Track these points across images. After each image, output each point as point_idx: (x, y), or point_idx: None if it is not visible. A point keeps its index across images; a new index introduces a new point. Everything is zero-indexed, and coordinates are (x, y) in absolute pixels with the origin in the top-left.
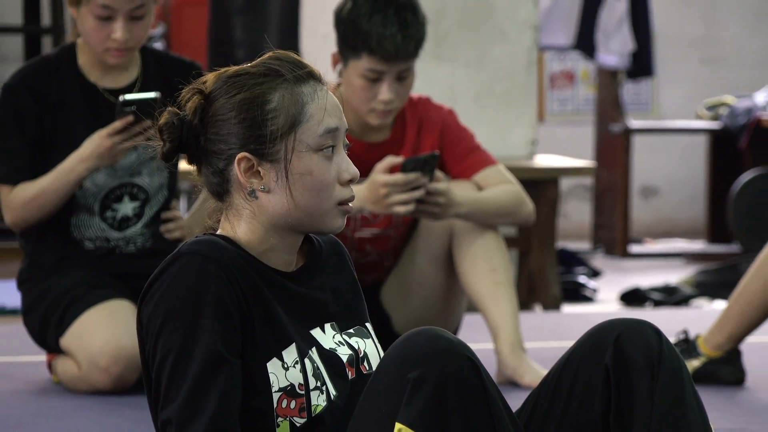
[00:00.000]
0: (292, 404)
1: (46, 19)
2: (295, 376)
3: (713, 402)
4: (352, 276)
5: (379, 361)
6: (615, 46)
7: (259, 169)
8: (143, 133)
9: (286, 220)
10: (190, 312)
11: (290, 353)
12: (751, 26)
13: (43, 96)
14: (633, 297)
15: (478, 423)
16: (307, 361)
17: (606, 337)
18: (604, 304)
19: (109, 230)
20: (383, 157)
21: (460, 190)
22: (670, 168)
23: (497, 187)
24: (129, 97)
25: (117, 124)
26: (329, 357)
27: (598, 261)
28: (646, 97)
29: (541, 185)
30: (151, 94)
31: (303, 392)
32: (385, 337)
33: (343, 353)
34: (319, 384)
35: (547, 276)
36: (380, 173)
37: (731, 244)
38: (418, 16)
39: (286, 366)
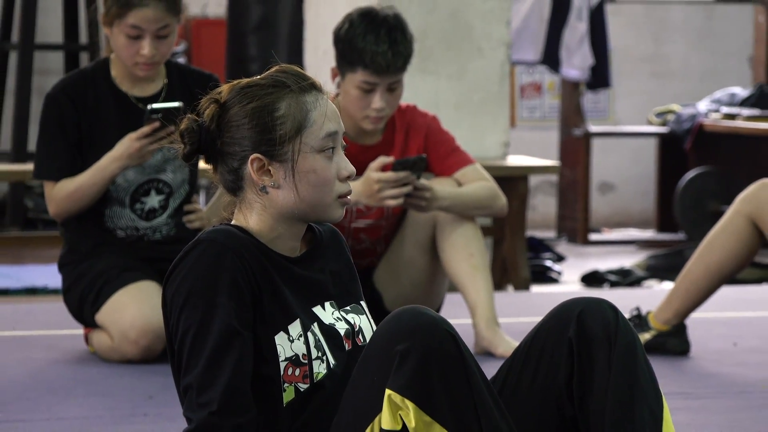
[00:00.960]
0: (297, 372)
1: (83, 37)
2: (299, 348)
3: (662, 370)
4: (349, 260)
5: (371, 334)
6: (577, 61)
7: (270, 168)
8: (168, 137)
9: (293, 211)
10: (208, 291)
11: (295, 327)
12: (694, 44)
13: (81, 103)
14: (592, 279)
15: (457, 389)
16: (309, 334)
17: (569, 314)
18: (568, 285)
19: (138, 220)
20: (376, 157)
21: (442, 186)
22: (624, 167)
23: (475, 183)
24: (155, 105)
25: (145, 129)
26: (329, 331)
27: (562, 247)
28: (604, 106)
29: (513, 182)
30: (175, 104)
31: (306, 361)
32: (378, 314)
33: (341, 328)
34: (320, 354)
35: (518, 260)
36: (374, 171)
37: (677, 233)
38: (407, 36)
39: (291, 338)
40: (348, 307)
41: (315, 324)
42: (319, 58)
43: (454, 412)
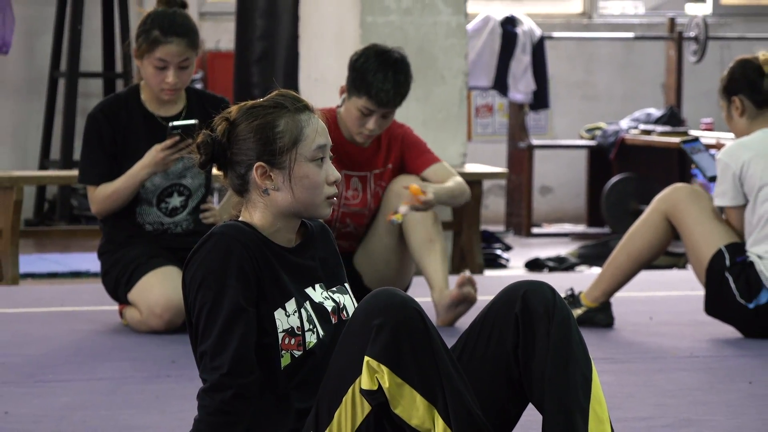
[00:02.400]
0: (292, 341)
1: (119, 67)
2: (294, 321)
3: (591, 339)
4: (335, 249)
5: (353, 311)
6: (521, 86)
7: (271, 174)
8: (186, 148)
9: (290, 210)
10: (219, 275)
11: (291, 305)
12: (617, 73)
13: (116, 121)
14: (534, 265)
15: (423, 356)
16: (302, 310)
17: (515, 294)
18: (514, 270)
19: (163, 217)
20: (366, 154)
21: (432, 187)
22: (560, 173)
23: (452, 179)
24: (176, 123)
25: (168, 142)
26: (318, 308)
27: (510, 239)
28: (544, 123)
29: (469, 185)
30: (192, 121)
31: (300, 333)
32: (358, 291)
33: (329, 305)
34: (311, 327)
35: (474, 249)
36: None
37: (603, 227)
38: (408, 78)
39: (287, 314)
40: (334, 288)
41: (307, 302)
42: (311, 84)
43: (420, 375)
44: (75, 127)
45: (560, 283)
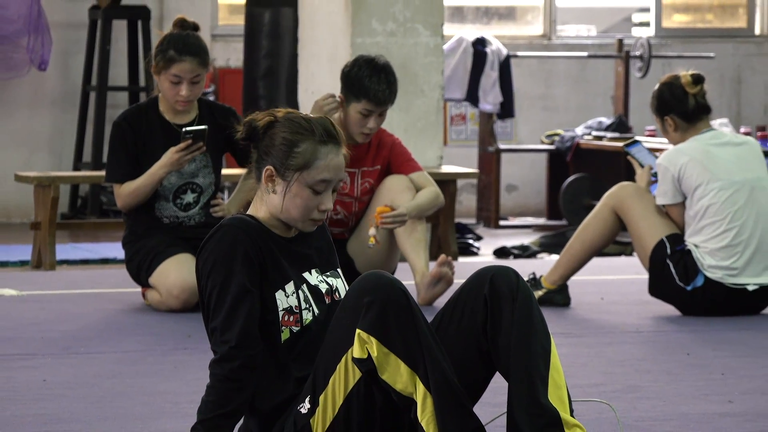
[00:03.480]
0: (291, 318)
1: (141, 81)
2: (292, 301)
3: (550, 317)
4: (329, 239)
5: (345, 292)
6: (490, 98)
7: (275, 179)
8: (197, 150)
9: (276, 214)
10: (227, 261)
11: (289, 287)
12: (573, 87)
13: (138, 128)
14: (501, 252)
15: (407, 329)
16: (300, 292)
17: (484, 277)
18: (484, 256)
19: (178, 211)
20: (357, 153)
21: (404, 194)
22: (523, 173)
23: (425, 191)
24: (189, 128)
25: (182, 145)
26: (314, 290)
27: (480, 230)
28: (510, 130)
29: (445, 183)
30: (203, 127)
31: (297, 311)
32: (350, 274)
33: (323, 287)
34: (307, 306)
35: (449, 239)
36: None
37: (561, 220)
38: (396, 79)
39: (287, 295)
40: (328, 273)
41: (304, 285)
42: (308, 97)
43: (404, 345)
44: (104, 133)
45: (523, 268)
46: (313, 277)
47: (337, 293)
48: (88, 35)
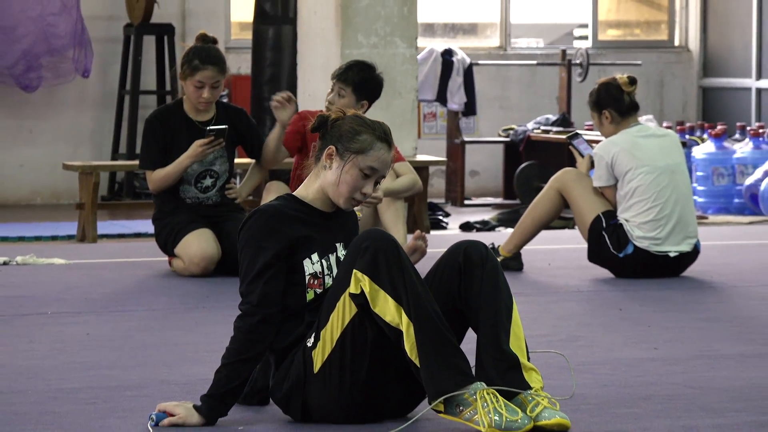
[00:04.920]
0: (315, 282)
1: (168, 86)
2: (317, 268)
3: (508, 280)
4: (356, 220)
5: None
6: (456, 99)
7: (334, 157)
8: (218, 144)
9: (326, 188)
10: (257, 239)
11: (315, 256)
12: (524, 89)
13: (166, 124)
14: (466, 226)
15: (394, 270)
16: (324, 261)
17: (459, 249)
18: (452, 230)
19: (198, 193)
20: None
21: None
22: (484, 161)
23: (405, 177)
24: (212, 127)
25: (206, 140)
26: (337, 260)
27: (449, 208)
28: (473, 125)
29: (420, 169)
30: (223, 126)
31: (321, 276)
32: None
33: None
34: (329, 273)
35: (422, 216)
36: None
37: (515, 200)
38: (381, 83)
39: (313, 262)
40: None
41: (329, 255)
42: (306, 99)
43: (391, 283)
44: (136, 129)
45: (485, 239)
46: (339, 249)
47: None
48: (123, 48)
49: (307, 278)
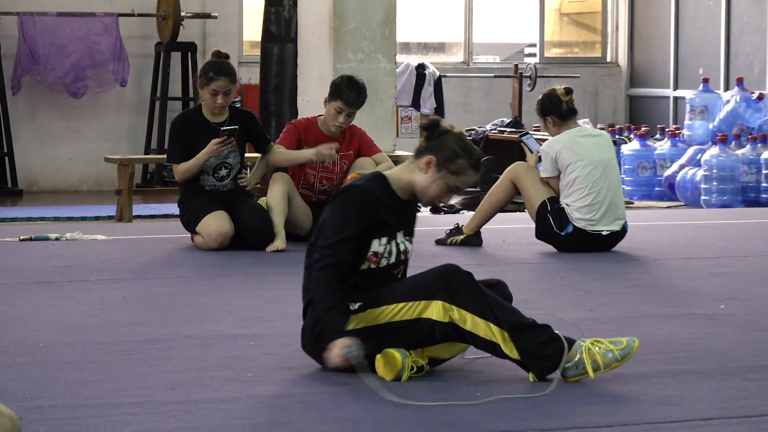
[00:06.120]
0: (374, 258)
1: (191, 94)
2: (380, 249)
3: (469, 254)
4: (415, 211)
5: (412, 252)
6: (428, 105)
7: (431, 167)
8: (231, 143)
9: (416, 186)
10: (349, 211)
11: (383, 239)
12: (483, 97)
13: (188, 125)
14: (435, 210)
15: (473, 294)
16: (388, 244)
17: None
18: (424, 213)
19: (215, 182)
20: (340, 142)
21: (369, 168)
22: None
23: (384, 164)
24: (225, 128)
25: (220, 139)
26: (397, 245)
27: None
28: None
29: (398, 163)
30: (235, 127)
31: (380, 256)
32: None
33: (402, 247)
34: (387, 256)
35: None
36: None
37: (476, 188)
38: (365, 93)
39: (380, 244)
40: (408, 237)
41: (392, 240)
42: (304, 105)
43: (474, 305)
44: (165, 129)
45: (452, 219)
46: (400, 236)
47: (407, 253)
48: (155, 62)
49: (369, 254)
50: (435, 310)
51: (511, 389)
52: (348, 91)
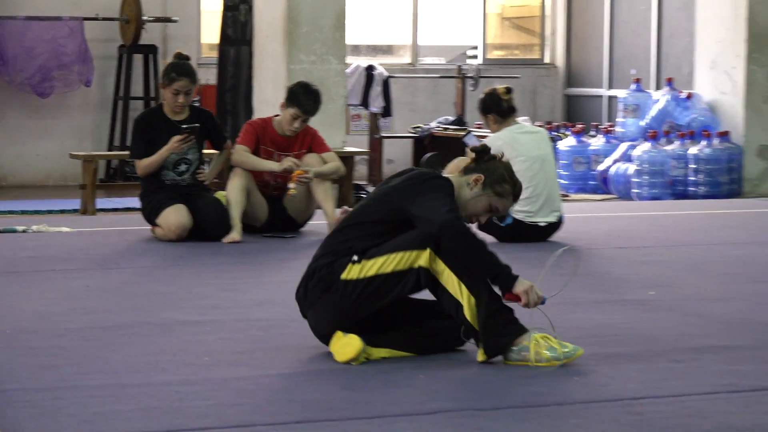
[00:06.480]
0: None
1: (152, 93)
2: None
3: None
4: None
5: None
6: (376, 104)
7: (478, 184)
8: (191, 140)
9: (460, 200)
10: (448, 191)
11: None
12: (429, 97)
13: (150, 123)
14: None
15: (459, 254)
16: None
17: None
18: None
19: (175, 176)
20: (290, 142)
21: (316, 165)
22: (398, 152)
23: (332, 163)
24: (186, 126)
25: (181, 137)
26: None
27: (370, 188)
28: (389, 124)
29: (348, 158)
30: (195, 125)
31: None
32: (283, 220)
33: None
34: None
35: (349, 195)
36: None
37: None
38: (320, 100)
39: None
40: None
41: None
42: (259, 104)
43: (456, 264)
44: (127, 127)
45: None
46: None
47: None
48: (118, 63)
49: None
50: (424, 258)
51: (458, 371)
52: (305, 100)
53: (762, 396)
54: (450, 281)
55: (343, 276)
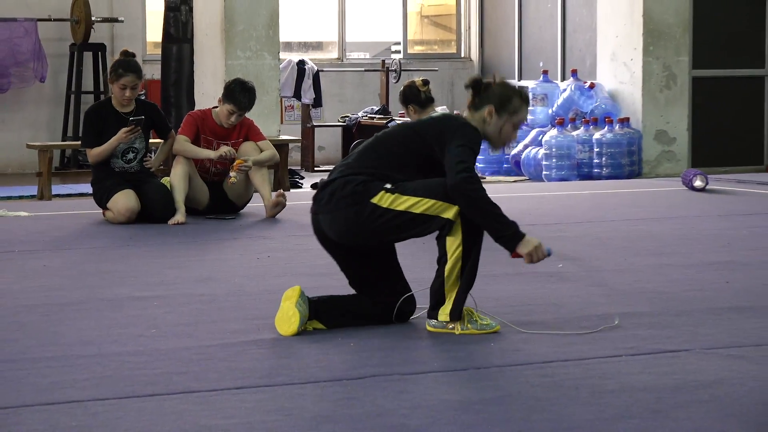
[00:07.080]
0: None
1: (102, 88)
2: None
3: None
4: None
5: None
6: (308, 96)
7: (492, 116)
8: (137, 131)
9: (487, 135)
10: (476, 145)
11: None
12: (356, 88)
13: (99, 115)
14: (315, 186)
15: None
16: None
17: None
18: (305, 189)
19: (124, 164)
20: (228, 131)
21: (253, 153)
22: (328, 139)
23: (268, 151)
24: (133, 118)
25: (128, 128)
26: None
27: (304, 173)
28: (320, 114)
29: (282, 146)
30: (141, 117)
31: None
32: (222, 202)
33: None
34: None
35: (284, 178)
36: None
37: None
38: (254, 96)
39: None
40: None
41: None
42: (200, 97)
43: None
44: (79, 119)
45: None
46: None
47: None
48: (69, 61)
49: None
50: (453, 212)
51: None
52: (240, 97)
53: (660, 358)
54: (453, 241)
55: (375, 200)
